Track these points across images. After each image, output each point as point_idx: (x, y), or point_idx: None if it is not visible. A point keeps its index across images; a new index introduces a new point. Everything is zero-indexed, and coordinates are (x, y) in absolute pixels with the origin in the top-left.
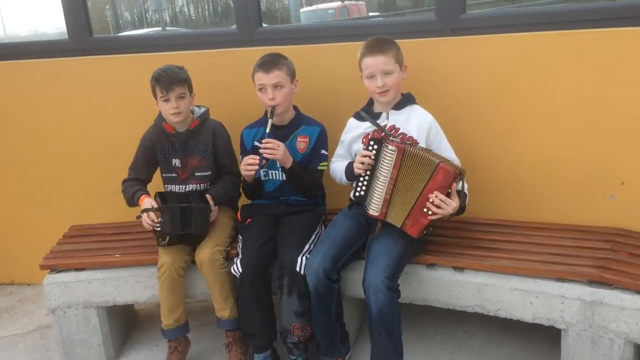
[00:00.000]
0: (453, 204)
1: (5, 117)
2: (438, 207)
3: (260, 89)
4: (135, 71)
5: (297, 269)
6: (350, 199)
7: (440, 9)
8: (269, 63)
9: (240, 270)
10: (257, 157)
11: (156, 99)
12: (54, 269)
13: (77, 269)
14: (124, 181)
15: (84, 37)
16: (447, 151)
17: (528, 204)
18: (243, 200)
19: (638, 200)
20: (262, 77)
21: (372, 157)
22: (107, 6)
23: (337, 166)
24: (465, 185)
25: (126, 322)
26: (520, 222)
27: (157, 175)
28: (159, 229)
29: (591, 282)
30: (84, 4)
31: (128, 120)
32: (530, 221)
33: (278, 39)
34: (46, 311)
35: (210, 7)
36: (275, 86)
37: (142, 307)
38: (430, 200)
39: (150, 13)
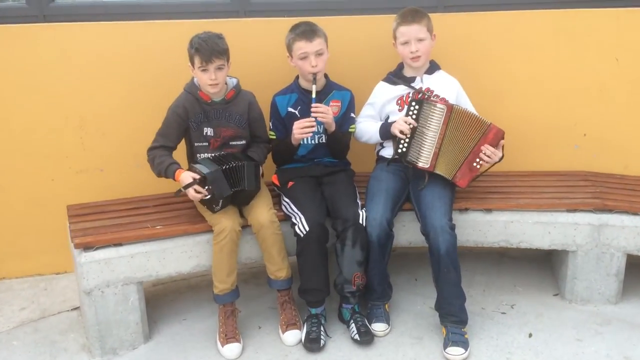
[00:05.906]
0: (499, 153)
1: None
2: (489, 157)
3: (303, 58)
4: (102, 39)
5: (360, 222)
6: (382, 157)
7: None
8: (310, 32)
9: (307, 229)
10: (313, 120)
11: (193, 66)
12: (90, 247)
13: (115, 245)
14: (151, 149)
15: (44, 3)
16: (472, 111)
17: (513, 156)
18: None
19: (596, 148)
20: (305, 46)
21: (414, 117)
22: None
23: (367, 126)
24: None
25: None
26: (509, 171)
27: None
28: (208, 196)
29: (596, 210)
30: None
31: (96, 91)
32: (515, 170)
33: (271, 11)
34: (17, 307)
35: None
36: (317, 54)
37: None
38: (483, 152)
39: None
